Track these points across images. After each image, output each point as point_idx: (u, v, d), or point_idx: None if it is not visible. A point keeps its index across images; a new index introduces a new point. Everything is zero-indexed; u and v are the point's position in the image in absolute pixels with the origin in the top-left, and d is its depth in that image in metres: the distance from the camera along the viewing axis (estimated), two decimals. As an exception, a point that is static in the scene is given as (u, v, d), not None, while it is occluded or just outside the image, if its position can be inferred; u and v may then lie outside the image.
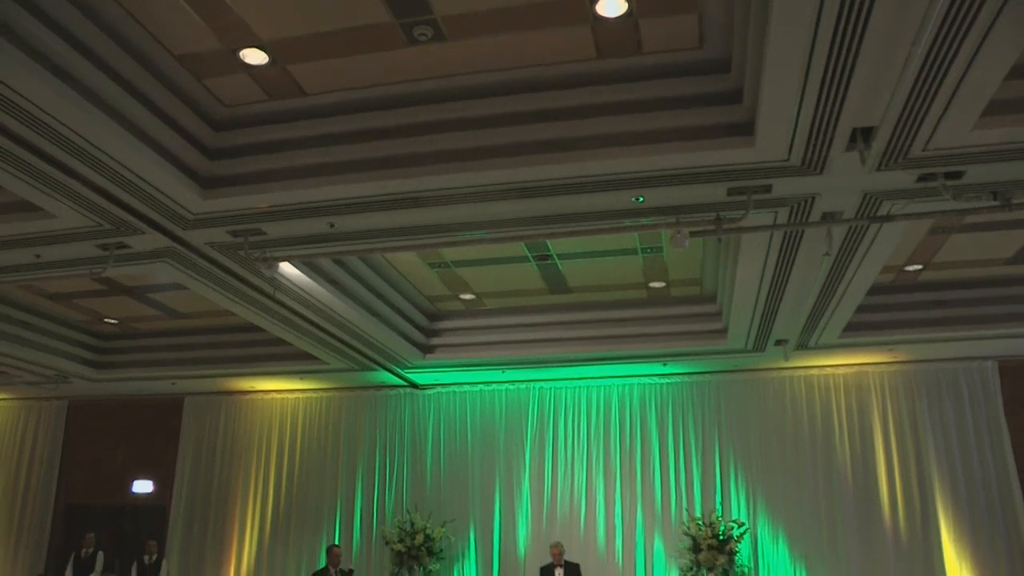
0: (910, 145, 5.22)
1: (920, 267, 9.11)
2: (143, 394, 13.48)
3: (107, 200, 6.20)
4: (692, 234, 6.23)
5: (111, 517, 13.51)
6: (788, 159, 5.46)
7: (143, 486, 13.47)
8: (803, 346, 10.30)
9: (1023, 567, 10.28)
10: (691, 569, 10.66)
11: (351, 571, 10.72)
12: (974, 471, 10.75)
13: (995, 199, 5.77)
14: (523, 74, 5.66)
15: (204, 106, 6.06)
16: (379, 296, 9.49)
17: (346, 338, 9.95)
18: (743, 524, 10.83)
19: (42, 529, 13.68)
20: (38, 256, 7.59)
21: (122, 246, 7.24)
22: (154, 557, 12.25)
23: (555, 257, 8.94)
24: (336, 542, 12.14)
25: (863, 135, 5.14)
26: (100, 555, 12.35)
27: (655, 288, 10.03)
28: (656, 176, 5.77)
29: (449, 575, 11.79)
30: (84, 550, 12.35)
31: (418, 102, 5.89)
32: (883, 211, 6.23)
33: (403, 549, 11.37)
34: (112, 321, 11.51)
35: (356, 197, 6.18)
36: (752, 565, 10.94)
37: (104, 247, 7.26)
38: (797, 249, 7.13)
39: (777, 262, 7.43)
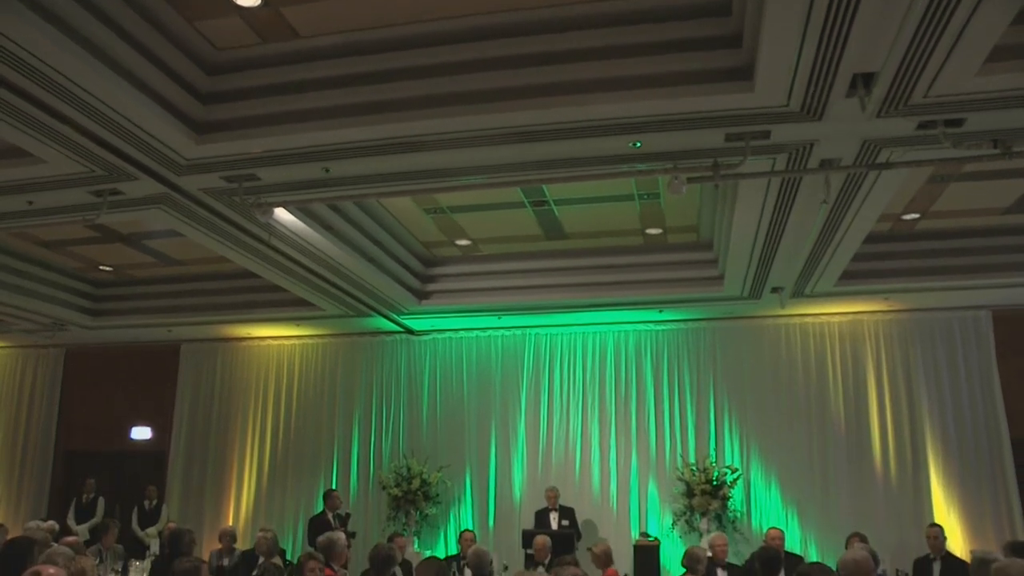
0: (911, 91, 5.16)
1: (917, 216, 9.09)
2: (140, 341, 13.51)
3: (98, 146, 6.13)
4: (689, 180, 6.19)
5: (110, 463, 13.63)
6: (787, 105, 5.40)
7: (141, 433, 13.57)
8: (799, 294, 10.32)
9: (1007, 511, 10.47)
10: (684, 514, 10.80)
11: (348, 515, 10.85)
12: (965, 418, 10.87)
13: (995, 147, 5.73)
14: (520, 16, 5.57)
15: (196, 49, 5.97)
16: (374, 242, 9.46)
17: (341, 284, 9.94)
18: (736, 470, 10.96)
19: (43, 475, 13.83)
20: (30, 203, 7.53)
21: (115, 192, 7.18)
22: (154, 502, 12.40)
23: (551, 203, 8.90)
24: (334, 487, 12.28)
25: (863, 81, 5.08)
26: (101, 500, 12.50)
27: (651, 235, 10.01)
28: (654, 121, 5.72)
29: (445, 519, 11.96)
30: (85, 496, 12.50)
31: (414, 45, 5.80)
32: (882, 158, 6.19)
33: (399, 494, 11.51)
34: (107, 268, 11.48)
35: (351, 142, 6.12)
36: (745, 510, 11.10)
37: (97, 194, 7.20)
38: (794, 196, 7.09)
39: (774, 209, 7.40)
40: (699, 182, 6.36)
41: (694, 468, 10.91)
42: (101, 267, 11.40)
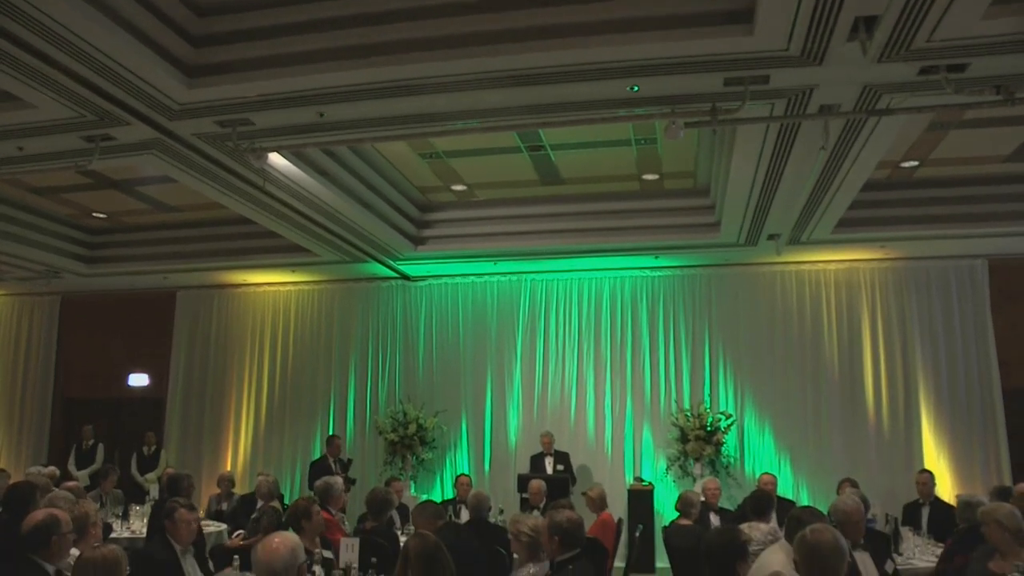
0: (914, 36, 5.08)
1: (916, 164, 9.04)
2: (135, 288, 13.48)
3: (89, 90, 6.03)
4: (687, 125, 6.13)
5: (109, 410, 13.71)
6: (787, 49, 5.32)
7: (139, 379, 13.62)
8: (795, 241, 10.29)
9: (996, 459, 10.60)
10: (678, 459, 10.92)
11: (350, 461, 10.92)
12: (958, 367, 10.94)
13: (998, 93, 5.66)
14: (517, -43, 5.46)
15: (186, -11, 5.85)
16: (369, 187, 9.40)
17: (337, 230, 9.89)
18: (730, 416, 11.05)
19: (42, 422, 13.91)
20: (20, 148, 7.43)
21: (107, 138, 7.09)
22: (153, 448, 12.50)
23: (548, 148, 8.83)
24: (332, 432, 12.38)
25: (865, 25, 4.99)
26: (100, 447, 12.60)
27: (648, 180, 9.95)
28: (652, 65, 5.63)
29: (441, 464, 12.08)
30: (84, 442, 12.60)
31: (409, -14, 5.69)
32: (882, 104, 6.13)
33: (396, 439, 11.61)
34: (101, 215, 11.41)
35: (346, 85, 6.03)
36: (738, 456, 11.22)
37: (89, 139, 7.11)
38: (793, 142, 7.03)
39: (772, 155, 7.34)
40: (697, 127, 6.30)
41: (688, 414, 11.01)
42: (95, 214, 11.33)
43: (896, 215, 9.87)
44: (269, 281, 13.13)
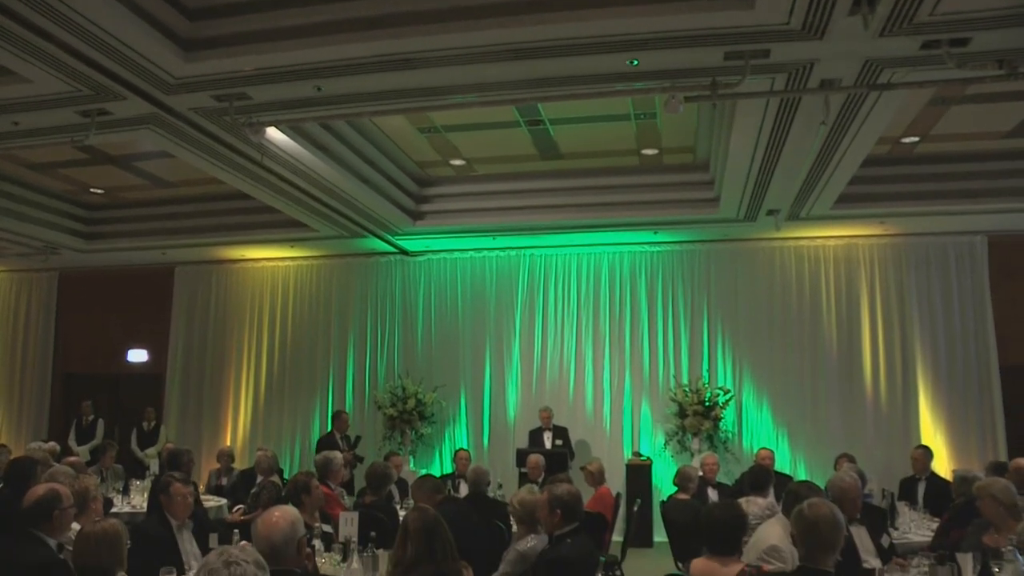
0: (916, 9, 5.03)
1: (917, 139, 9.00)
2: (133, 264, 13.45)
3: (84, 64, 5.99)
4: (687, 99, 6.10)
5: (108, 386, 13.74)
6: (788, 23, 5.27)
7: (138, 355, 13.63)
8: (795, 217, 10.28)
9: (992, 435, 10.66)
10: (677, 434, 10.97)
11: (358, 438, 10.87)
12: (956, 343, 10.97)
13: (1000, 67, 5.62)
14: (516, -71, 5.40)
15: (181, -38, 5.79)
16: (368, 162, 9.36)
17: (335, 205, 9.87)
18: (728, 391, 11.09)
19: (42, 398, 13.94)
20: (16, 124, 7.39)
21: (103, 113, 7.04)
22: (153, 423, 12.54)
23: (547, 122, 8.79)
24: (330, 407, 12.43)
25: (868, -3, 4.96)
26: (100, 422, 12.64)
27: (647, 155, 9.92)
28: (651, 38, 5.58)
29: (440, 439, 12.13)
30: (84, 418, 12.63)
31: (406, -41, 5.63)
32: (883, 79, 6.08)
33: (395, 414, 11.64)
34: (98, 191, 11.36)
35: (343, 59, 5.98)
36: (736, 430, 11.26)
37: (84, 114, 7.06)
38: (793, 117, 7.00)
39: (772, 130, 7.30)
40: (696, 101, 6.27)
41: (687, 389, 11.04)
42: (92, 190, 11.28)
43: (896, 191, 9.85)
44: (268, 256, 13.12)
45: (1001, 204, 9.71)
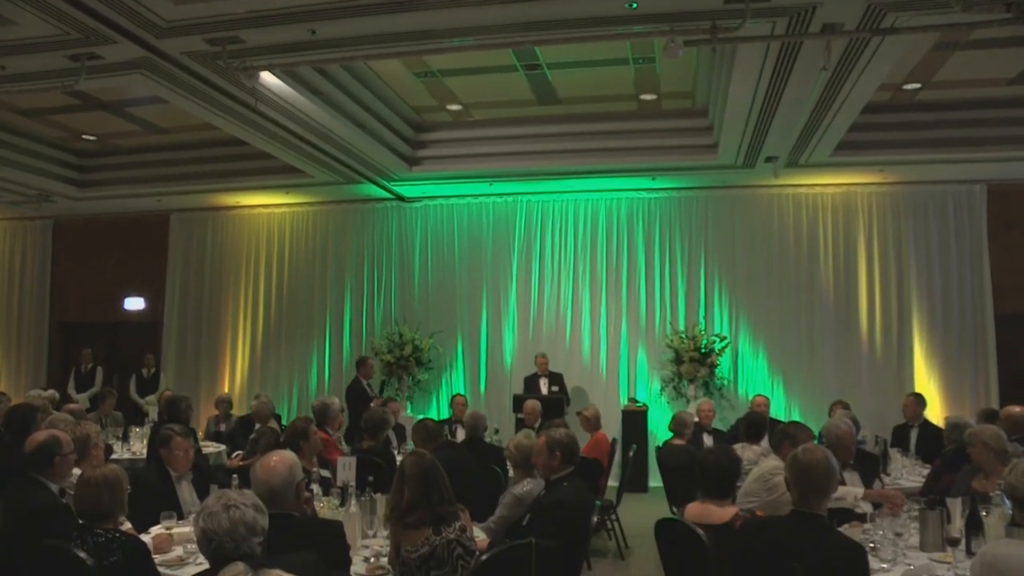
0: (921, -51, 4.95)
1: (919, 86, 8.90)
2: (128, 212, 13.35)
3: (71, 5, 5.87)
4: (686, 44, 6.02)
5: (106, 333, 13.77)
6: (791, -36, 5.19)
7: (135, 303, 13.62)
8: (793, 164, 10.21)
9: (985, 383, 10.76)
10: (673, 380, 11.04)
11: (384, 383, 10.89)
12: (952, 292, 11.00)
13: (1008, 11, 5.52)
14: None
15: (170, -100, 5.65)
16: (363, 107, 9.26)
17: (330, 150, 9.78)
18: (725, 338, 11.14)
19: (39, 347, 13.96)
20: (3, 67, 7.27)
21: (93, 57, 6.93)
22: (152, 370, 12.58)
23: (544, 66, 8.68)
24: (327, 354, 12.51)
25: (872, -63, 4.86)
26: (99, 370, 12.69)
27: (646, 100, 9.82)
28: (652, -19, 5.50)
29: (437, 385, 12.20)
30: (83, 366, 12.67)
31: None
32: (887, 23, 5.99)
33: (392, 360, 11.69)
34: (90, 138, 11.24)
35: (338, 1, 5.89)
36: (732, 377, 11.34)
37: (74, 58, 6.96)
38: (793, 62, 6.91)
39: (772, 75, 7.22)
40: (696, 46, 6.19)
41: (683, 336, 11.08)
42: (84, 136, 11.16)
43: (896, 138, 9.78)
44: (263, 203, 13.04)
45: (1002, 152, 9.65)
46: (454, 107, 10.10)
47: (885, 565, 3.79)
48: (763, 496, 4.78)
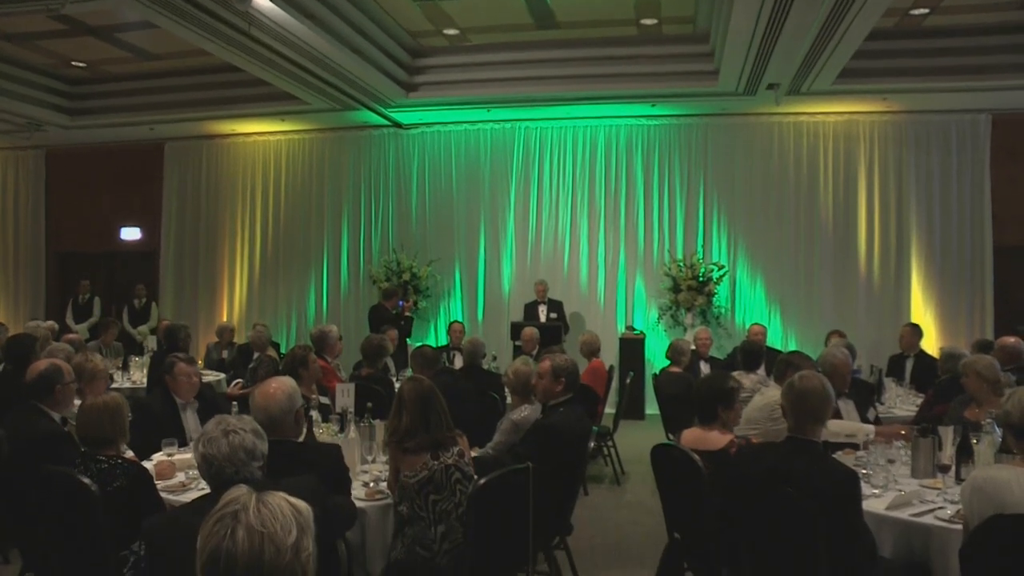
0: None
1: (927, 11, 8.72)
2: (121, 140, 13.20)
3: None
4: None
5: (103, 263, 13.78)
6: None
7: (130, 233, 13.58)
8: (795, 91, 10.06)
9: (981, 314, 10.81)
10: (670, 309, 11.08)
11: (410, 313, 10.97)
12: (951, 222, 10.97)
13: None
14: None
15: None
16: (358, 31, 9.09)
17: (326, 76, 9.62)
18: (723, 267, 11.13)
19: (36, 278, 13.95)
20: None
21: (80, -23, 6.77)
22: (143, 301, 12.60)
23: (543, -9, 8.51)
24: (324, 281, 12.55)
25: None
26: (97, 300, 12.71)
27: (646, 25, 9.64)
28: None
29: (435, 312, 12.25)
30: (81, 296, 12.68)
31: None
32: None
33: (390, 287, 11.69)
34: (80, 64, 11.03)
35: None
36: (729, 306, 11.39)
37: (60, -23, 6.80)
38: (798, -15, 6.76)
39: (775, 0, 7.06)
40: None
41: (681, 264, 11.08)
42: (74, 63, 10.95)
43: (901, 66, 9.62)
44: (258, 131, 12.89)
45: (1009, 80, 9.48)
46: (451, 32, 9.92)
47: (876, 491, 3.85)
48: (766, 425, 4.83)
